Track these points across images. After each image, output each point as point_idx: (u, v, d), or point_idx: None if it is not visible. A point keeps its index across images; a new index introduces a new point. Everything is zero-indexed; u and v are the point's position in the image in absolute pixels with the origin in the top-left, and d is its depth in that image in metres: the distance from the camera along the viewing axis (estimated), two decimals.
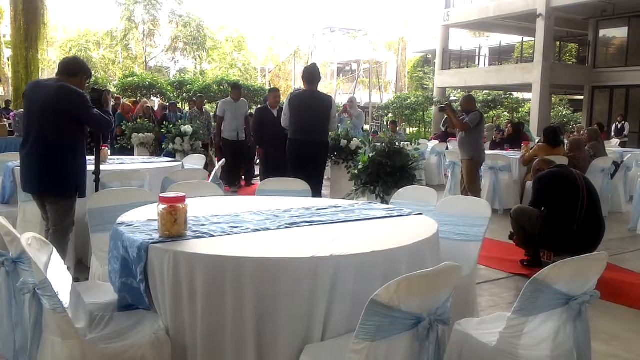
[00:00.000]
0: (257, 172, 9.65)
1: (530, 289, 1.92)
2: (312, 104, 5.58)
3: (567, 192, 4.51)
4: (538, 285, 1.91)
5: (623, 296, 4.06)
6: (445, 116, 7.32)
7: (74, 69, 3.69)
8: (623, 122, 17.18)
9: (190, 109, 12.41)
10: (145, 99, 16.54)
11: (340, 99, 27.84)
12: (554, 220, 4.51)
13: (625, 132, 16.82)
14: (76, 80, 3.63)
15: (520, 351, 1.99)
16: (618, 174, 7.84)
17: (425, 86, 34.93)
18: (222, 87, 21.68)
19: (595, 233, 4.54)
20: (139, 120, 10.09)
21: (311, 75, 5.71)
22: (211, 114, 11.39)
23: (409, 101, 26.07)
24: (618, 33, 21.64)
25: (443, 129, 9.23)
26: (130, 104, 11.68)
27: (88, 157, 3.82)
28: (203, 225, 2.41)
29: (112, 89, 22.72)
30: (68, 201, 3.66)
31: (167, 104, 13.01)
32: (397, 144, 5.20)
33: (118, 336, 2.04)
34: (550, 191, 4.59)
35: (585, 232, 4.44)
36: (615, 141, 14.87)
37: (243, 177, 9.63)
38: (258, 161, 8.64)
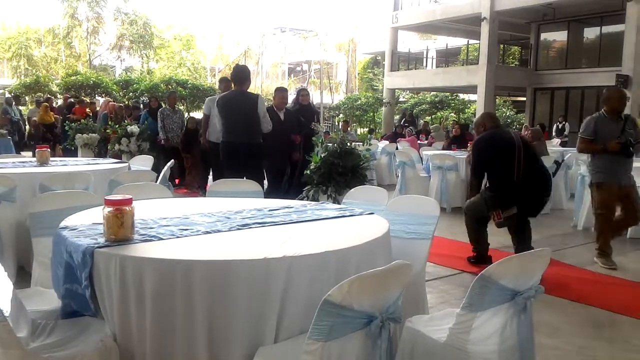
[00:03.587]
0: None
1: (478, 285, 1.97)
2: (238, 105, 5.45)
3: (503, 148, 4.63)
4: (485, 282, 1.96)
5: (566, 290, 4.22)
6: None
7: None
8: (564, 123, 17.89)
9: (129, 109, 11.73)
10: (108, 98, 16.05)
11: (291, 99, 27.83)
12: (495, 177, 4.70)
13: (566, 132, 17.52)
14: None
15: (469, 346, 2.03)
16: (559, 172, 8.15)
17: (375, 87, 35.37)
18: (170, 87, 21.25)
19: (540, 183, 4.65)
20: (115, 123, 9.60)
21: (238, 75, 5.53)
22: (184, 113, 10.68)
23: (359, 102, 26.34)
24: (558, 37, 22.57)
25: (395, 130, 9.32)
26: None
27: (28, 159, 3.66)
28: (151, 228, 2.36)
29: (55, 88, 21.94)
30: None
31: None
32: (348, 144, 5.24)
33: (63, 344, 1.97)
34: (488, 150, 4.73)
35: (528, 183, 4.56)
36: (556, 141, 15.48)
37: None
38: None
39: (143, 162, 5.81)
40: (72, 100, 13.58)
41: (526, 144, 4.74)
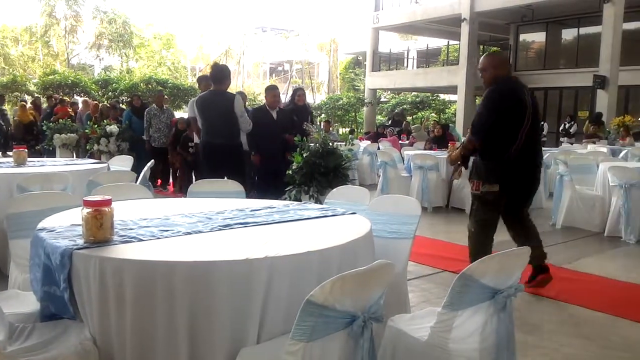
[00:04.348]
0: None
1: (458, 284, 1.98)
2: (214, 105, 5.39)
3: (516, 110, 3.92)
4: (466, 280, 1.97)
5: (545, 288, 4.27)
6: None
7: None
8: (542, 123, 18.12)
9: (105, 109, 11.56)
10: (87, 98, 15.80)
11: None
12: (494, 141, 3.97)
13: (544, 132, 17.76)
14: None
15: (450, 345, 2.05)
16: None
17: (357, 87, 35.47)
18: (150, 86, 21.05)
19: (531, 168, 4.09)
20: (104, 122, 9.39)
21: (216, 74, 5.45)
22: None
23: (341, 102, 26.40)
24: (537, 38, 22.90)
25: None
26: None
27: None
28: (131, 229, 2.33)
29: (32, 88, 21.60)
30: None
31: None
32: (330, 144, 5.24)
33: (41, 348, 1.94)
34: (503, 108, 3.91)
35: (522, 159, 3.97)
36: None
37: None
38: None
39: (122, 163, 5.75)
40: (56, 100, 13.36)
41: (536, 107, 4.01)
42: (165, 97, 11.02)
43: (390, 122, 18.58)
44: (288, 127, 6.70)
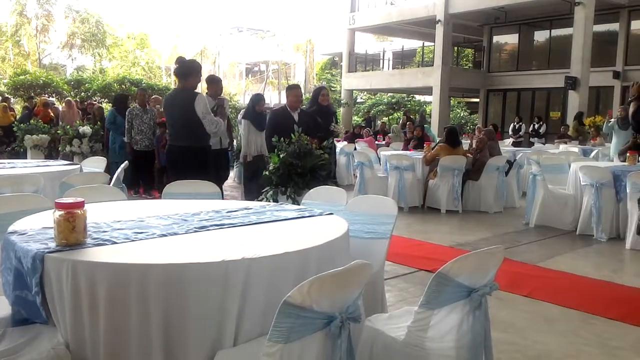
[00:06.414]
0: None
1: (435, 283, 1.99)
2: (176, 103, 5.01)
3: None
4: (442, 279, 1.99)
5: (518, 286, 4.33)
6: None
7: None
8: (520, 123, 18.39)
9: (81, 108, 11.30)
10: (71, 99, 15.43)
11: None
12: None
13: (521, 133, 18.04)
14: None
15: (427, 343, 2.06)
16: (511, 171, 8.38)
17: (333, 88, 35.51)
18: (123, 87, 20.73)
19: None
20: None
21: (180, 69, 5.00)
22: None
23: None
24: (510, 39, 23.27)
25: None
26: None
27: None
28: (104, 231, 2.29)
29: (2, 88, 21.14)
30: None
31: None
32: (307, 144, 5.23)
33: (13, 353, 1.90)
34: None
35: None
36: (508, 141, 15.91)
37: None
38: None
39: (95, 164, 5.66)
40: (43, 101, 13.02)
41: None
42: (155, 96, 10.50)
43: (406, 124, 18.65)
44: (311, 129, 6.07)
